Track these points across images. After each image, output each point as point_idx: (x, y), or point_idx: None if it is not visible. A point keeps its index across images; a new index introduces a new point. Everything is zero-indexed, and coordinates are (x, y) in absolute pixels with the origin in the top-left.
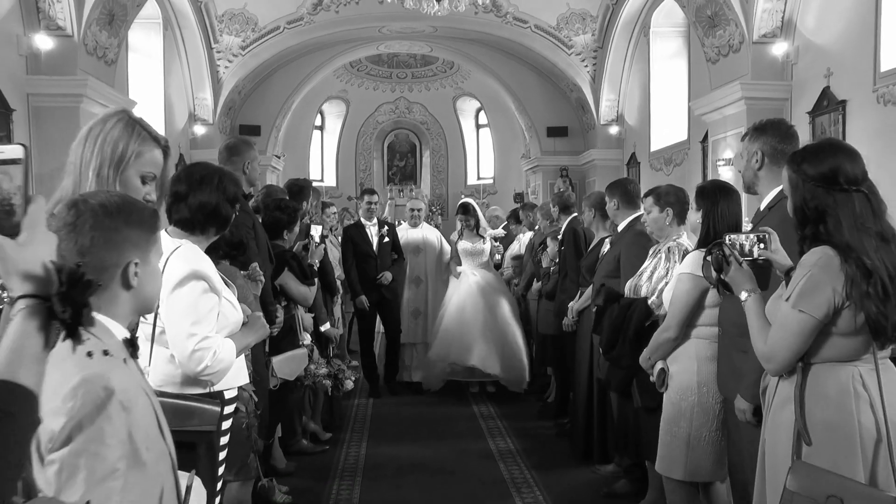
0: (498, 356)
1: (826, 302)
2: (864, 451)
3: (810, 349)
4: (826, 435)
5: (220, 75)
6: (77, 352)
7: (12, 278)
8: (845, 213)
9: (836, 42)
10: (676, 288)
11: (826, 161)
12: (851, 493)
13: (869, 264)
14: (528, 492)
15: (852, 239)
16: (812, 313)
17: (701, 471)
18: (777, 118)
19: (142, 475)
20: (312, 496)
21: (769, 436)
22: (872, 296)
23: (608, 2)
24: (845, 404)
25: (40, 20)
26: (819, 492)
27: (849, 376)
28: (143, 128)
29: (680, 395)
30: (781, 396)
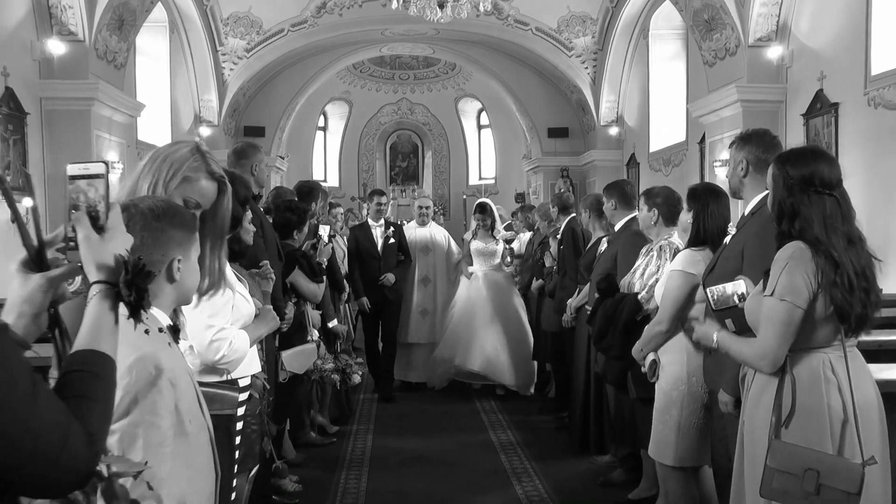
0: (506, 362)
1: (805, 288)
2: (832, 431)
3: None
4: (800, 416)
5: (225, 77)
6: (137, 329)
7: (91, 267)
8: (816, 211)
9: (829, 46)
10: (668, 284)
11: (807, 165)
12: (825, 464)
13: (836, 257)
14: (527, 481)
15: (821, 235)
16: (795, 302)
17: (690, 456)
18: (762, 129)
19: (186, 444)
20: (321, 485)
21: (748, 420)
22: (839, 284)
23: (608, 4)
24: (817, 388)
25: (53, 26)
26: (797, 466)
27: (819, 363)
28: (203, 159)
29: (671, 385)
30: (759, 384)
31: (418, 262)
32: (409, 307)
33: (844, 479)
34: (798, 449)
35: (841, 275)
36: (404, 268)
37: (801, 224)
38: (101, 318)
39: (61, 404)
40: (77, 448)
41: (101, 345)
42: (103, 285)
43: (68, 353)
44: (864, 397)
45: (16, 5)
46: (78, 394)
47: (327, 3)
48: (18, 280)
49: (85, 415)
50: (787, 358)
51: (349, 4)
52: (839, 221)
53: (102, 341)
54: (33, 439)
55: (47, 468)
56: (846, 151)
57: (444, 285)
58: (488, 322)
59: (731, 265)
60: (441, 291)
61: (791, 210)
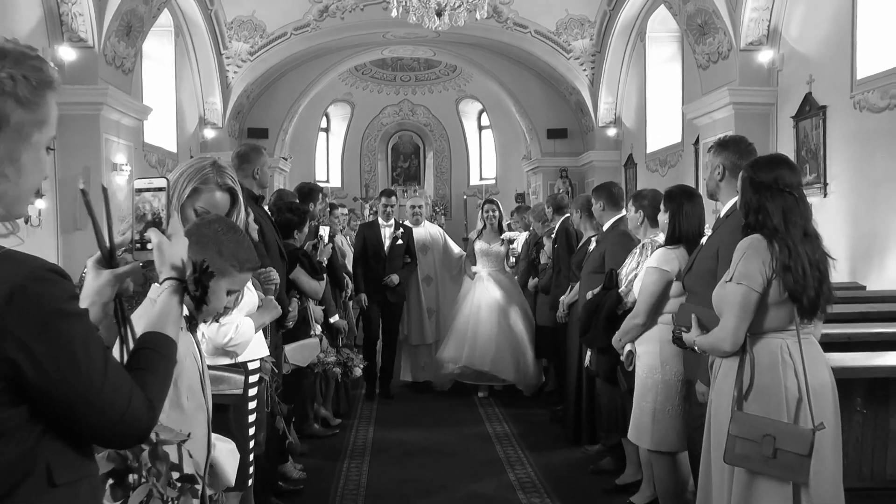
0: (511, 361)
1: (759, 273)
2: (788, 408)
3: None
4: (759, 394)
5: (230, 80)
6: None
7: (165, 266)
8: (777, 205)
9: (818, 50)
10: (644, 280)
11: (773, 169)
12: (781, 431)
13: (791, 245)
14: (520, 469)
15: (780, 226)
16: (751, 286)
17: (666, 440)
18: (738, 136)
19: (180, 416)
20: (324, 474)
21: (714, 398)
22: (792, 269)
23: (606, 7)
24: (775, 370)
25: (63, 33)
26: (756, 433)
27: (777, 347)
28: (216, 172)
29: (646, 373)
30: (724, 369)
31: (419, 263)
32: (420, 309)
33: (797, 442)
34: (757, 418)
35: (795, 261)
36: (409, 270)
37: (763, 216)
38: (168, 307)
39: (127, 375)
40: (138, 410)
41: (166, 329)
42: (174, 281)
43: (130, 336)
44: (818, 380)
45: (28, 14)
46: (142, 367)
47: (329, 6)
48: (92, 275)
49: (146, 384)
50: (748, 340)
51: (351, 8)
52: (797, 216)
53: (168, 326)
54: (103, 401)
55: (113, 425)
56: (833, 153)
57: (445, 283)
58: (495, 322)
59: (708, 265)
60: (443, 289)
61: (756, 205)
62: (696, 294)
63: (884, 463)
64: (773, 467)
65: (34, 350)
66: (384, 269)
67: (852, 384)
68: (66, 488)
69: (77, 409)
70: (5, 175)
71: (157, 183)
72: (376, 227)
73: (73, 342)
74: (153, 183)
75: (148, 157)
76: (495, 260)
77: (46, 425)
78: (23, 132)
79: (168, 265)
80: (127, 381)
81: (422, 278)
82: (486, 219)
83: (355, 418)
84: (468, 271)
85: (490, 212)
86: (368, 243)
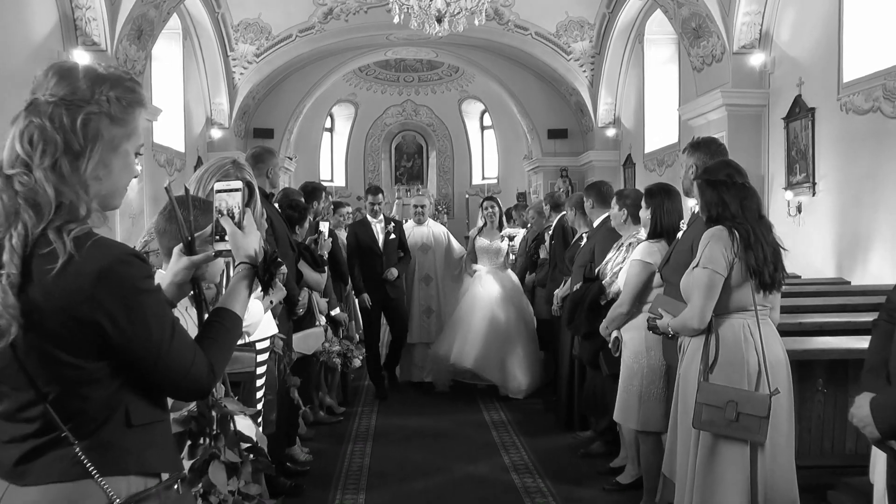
0: (496, 362)
1: (723, 258)
2: (749, 379)
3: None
4: (724, 367)
5: (236, 81)
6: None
7: (240, 253)
8: (733, 196)
9: (807, 54)
10: (629, 272)
11: (723, 169)
12: (742, 397)
13: (749, 228)
14: (514, 452)
15: (737, 213)
16: (716, 269)
17: (651, 421)
18: (709, 138)
19: None
20: (330, 455)
21: (683, 373)
22: (753, 247)
23: (605, 10)
24: (738, 346)
25: (78, 37)
26: (721, 400)
27: (740, 326)
28: (236, 169)
29: (632, 358)
30: (692, 347)
31: (418, 261)
32: (416, 308)
33: (757, 406)
34: (721, 387)
35: (755, 241)
36: (404, 265)
37: (722, 208)
38: (238, 288)
39: (192, 342)
40: (199, 371)
41: (234, 306)
42: (246, 266)
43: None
44: (774, 356)
45: (44, 18)
46: (209, 336)
47: (334, 9)
48: (174, 259)
49: (210, 351)
50: (713, 320)
51: (355, 10)
52: (751, 202)
53: (236, 304)
54: (170, 361)
55: (178, 380)
56: (821, 153)
57: (445, 283)
58: (486, 320)
59: (684, 258)
60: (443, 289)
61: (716, 199)
62: (673, 284)
63: (843, 439)
64: (736, 429)
65: (116, 317)
66: (381, 266)
67: (813, 365)
68: (141, 429)
69: (148, 366)
70: (98, 178)
71: (234, 185)
72: (367, 224)
73: (146, 313)
74: (230, 185)
75: (157, 157)
76: (495, 257)
77: (126, 378)
78: (114, 143)
79: (242, 253)
80: (191, 346)
81: (421, 277)
82: (486, 216)
83: (359, 406)
84: (469, 269)
85: (490, 209)
86: (361, 241)
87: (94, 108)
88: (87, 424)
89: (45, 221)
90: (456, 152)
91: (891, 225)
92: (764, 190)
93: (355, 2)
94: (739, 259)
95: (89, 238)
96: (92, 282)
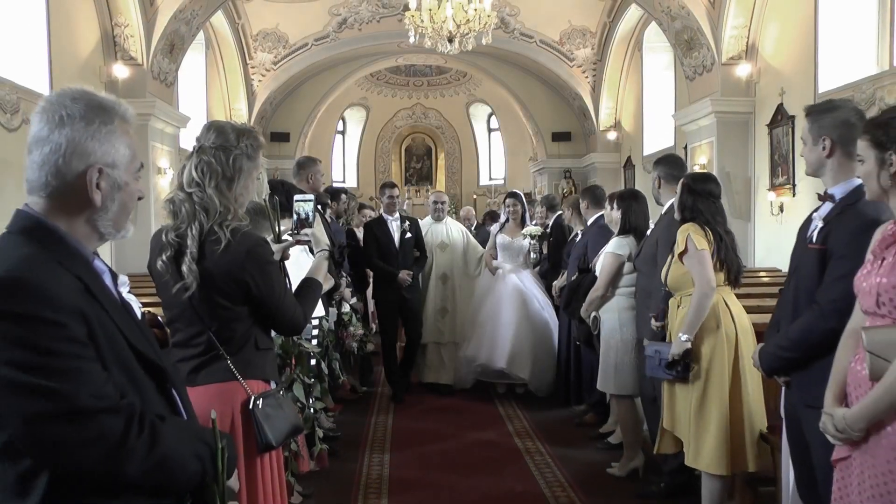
0: (529, 360)
1: (707, 243)
2: (727, 340)
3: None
4: (708, 334)
5: (254, 88)
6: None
7: (319, 244)
8: (706, 207)
9: (788, 66)
10: (603, 262)
11: (705, 183)
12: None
13: (721, 232)
14: (517, 422)
15: (711, 220)
16: (707, 248)
17: (625, 386)
18: (672, 154)
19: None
20: (357, 424)
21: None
22: (725, 245)
23: (605, 19)
24: (718, 314)
25: (117, 52)
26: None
27: (719, 298)
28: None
29: (609, 334)
30: (678, 321)
31: (436, 259)
32: (433, 307)
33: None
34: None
35: (726, 242)
36: (420, 265)
37: (695, 213)
38: (320, 265)
39: (294, 298)
40: (298, 316)
41: (318, 276)
42: (325, 251)
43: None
44: (743, 324)
45: (88, 36)
46: (302, 295)
47: (347, 19)
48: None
49: (303, 304)
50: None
51: (368, 20)
52: (720, 217)
53: (318, 275)
54: (283, 308)
55: (286, 321)
56: (801, 158)
57: (462, 282)
58: (514, 319)
59: (652, 250)
60: (459, 289)
61: (690, 205)
62: (643, 272)
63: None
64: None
65: (256, 278)
66: (398, 265)
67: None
68: (264, 351)
69: (271, 311)
70: (241, 193)
71: (308, 196)
72: (383, 222)
73: (272, 277)
74: (306, 196)
75: (184, 162)
76: (517, 254)
77: (256, 318)
78: (249, 172)
79: (322, 243)
80: (294, 300)
81: (438, 276)
82: (508, 213)
83: (379, 385)
84: (490, 266)
85: (512, 206)
86: (379, 240)
87: (238, 152)
88: (233, 346)
89: (213, 220)
90: (464, 154)
91: None
92: (750, 191)
93: (368, 12)
94: (715, 251)
95: (239, 230)
96: (243, 256)
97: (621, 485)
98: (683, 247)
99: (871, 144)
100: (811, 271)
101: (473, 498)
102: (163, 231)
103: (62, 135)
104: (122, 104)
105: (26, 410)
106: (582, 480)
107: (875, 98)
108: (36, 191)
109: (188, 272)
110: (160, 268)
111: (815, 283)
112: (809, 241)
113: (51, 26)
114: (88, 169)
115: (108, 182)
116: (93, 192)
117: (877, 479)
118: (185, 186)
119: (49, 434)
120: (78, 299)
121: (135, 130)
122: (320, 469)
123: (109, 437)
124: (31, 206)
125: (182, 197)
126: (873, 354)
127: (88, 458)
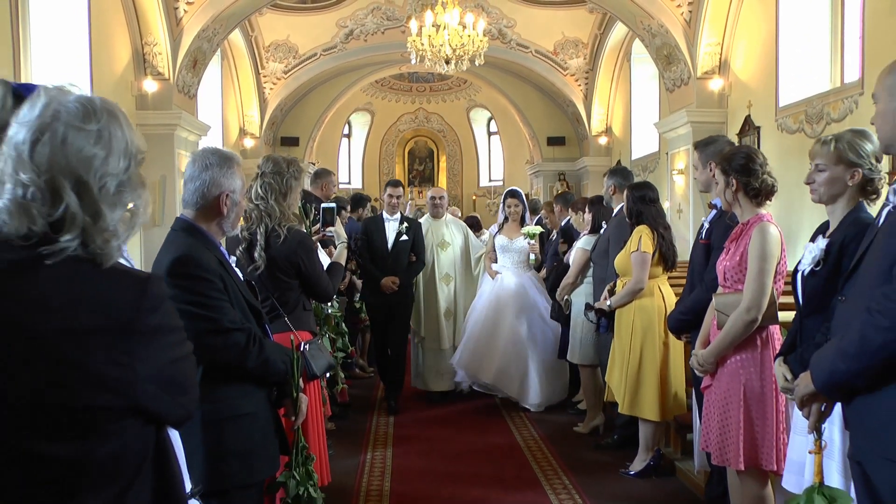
0: (517, 375)
1: (651, 246)
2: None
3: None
4: (644, 313)
5: (266, 95)
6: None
7: (340, 239)
8: (650, 211)
9: (754, 80)
10: (574, 256)
11: (643, 190)
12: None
13: (662, 231)
14: (515, 413)
15: (653, 222)
16: (649, 251)
17: (587, 357)
18: (622, 166)
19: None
20: (366, 399)
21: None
22: (665, 242)
23: (597, 31)
24: (654, 299)
25: (146, 68)
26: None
27: (655, 284)
28: None
29: (576, 314)
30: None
31: (439, 259)
32: (436, 310)
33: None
34: None
35: (666, 240)
36: (414, 270)
37: (642, 217)
38: (342, 254)
39: (326, 276)
40: (329, 288)
41: (341, 260)
42: (344, 244)
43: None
44: (671, 304)
45: (121, 53)
46: (331, 273)
47: (354, 30)
48: None
49: (332, 279)
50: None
51: (373, 31)
52: (660, 218)
53: (341, 259)
54: (321, 281)
55: (322, 291)
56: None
57: (463, 282)
58: (507, 331)
59: (603, 246)
60: (462, 289)
61: (637, 210)
62: (598, 264)
63: None
64: None
65: (305, 261)
66: (387, 269)
67: None
68: (308, 312)
69: (312, 283)
70: (291, 204)
71: (331, 204)
72: (380, 221)
73: (314, 260)
74: (329, 204)
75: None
76: (517, 256)
77: (303, 287)
78: (294, 189)
79: (342, 238)
80: (325, 275)
81: (441, 276)
82: (508, 213)
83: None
84: (489, 268)
85: (513, 206)
86: (372, 239)
87: (288, 175)
88: (289, 307)
89: (274, 222)
90: (465, 156)
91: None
92: None
93: (373, 24)
94: (657, 248)
95: (292, 228)
96: (296, 246)
97: (584, 440)
98: (636, 246)
99: (720, 171)
100: (700, 259)
101: (461, 448)
102: (238, 230)
103: (207, 174)
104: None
105: (196, 328)
106: (551, 436)
107: (823, 113)
108: (190, 206)
109: (258, 257)
110: (238, 255)
111: (703, 267)
112: (699, 237)
113: (92, 48)
114: (221, 194)
115: (231, 201)
116: (223, 208)
117: (720, 395)
118: (253, 199)
119: (206, 342)
120: (217, 268)
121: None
122: (341, 403)
123: (238, 344)
124: (186, 215)
125: (251, 207)
126: (720, 312)
127: (226, 357)
